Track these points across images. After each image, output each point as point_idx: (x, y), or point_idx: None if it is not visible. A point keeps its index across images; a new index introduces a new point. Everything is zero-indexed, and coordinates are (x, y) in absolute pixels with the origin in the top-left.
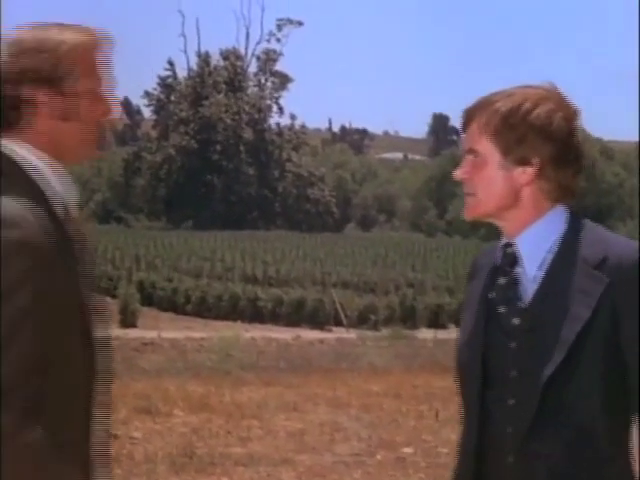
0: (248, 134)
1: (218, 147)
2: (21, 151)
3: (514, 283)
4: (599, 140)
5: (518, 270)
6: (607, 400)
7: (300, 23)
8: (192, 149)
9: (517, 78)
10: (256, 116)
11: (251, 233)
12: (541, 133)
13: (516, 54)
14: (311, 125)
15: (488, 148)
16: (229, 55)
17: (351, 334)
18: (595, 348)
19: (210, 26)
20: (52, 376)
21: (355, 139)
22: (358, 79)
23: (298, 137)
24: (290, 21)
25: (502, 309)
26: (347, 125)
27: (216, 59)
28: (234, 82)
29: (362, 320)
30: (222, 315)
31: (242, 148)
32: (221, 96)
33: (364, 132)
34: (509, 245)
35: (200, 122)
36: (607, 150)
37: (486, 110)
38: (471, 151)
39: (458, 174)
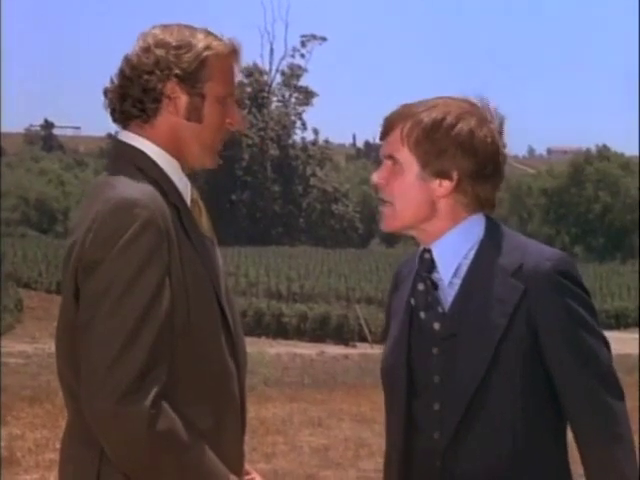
0: (273, 150)
1: (243, 163)
2: (142, 144)
3: (433, 289)
4: (622, 155)
5: (435, 276)
6: (528, 403)
7: (324, 39)
8: (217, 165)
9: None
10: (280, 132)
11: (275, 249)
12: (462, 148)
13: (534, 69)
14: (335, 140)
15: (408, 158)
16: (252, 72)
17: (375, 350)
18: (513, 354)
19: None
20: (195, 353)
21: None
22: (382, 94)
23: (322, 153)
24: (314, 37)
25: (423, 314)
26: (371, 140)
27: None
28: (258, 98)
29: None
30: (246, 331)
31: (267, 164)
32: (245, 112)
33: None
34: (426, 251)
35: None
36: (629, 165)
37: (409, 120)
38: (390, 158)
39: (375, 178)
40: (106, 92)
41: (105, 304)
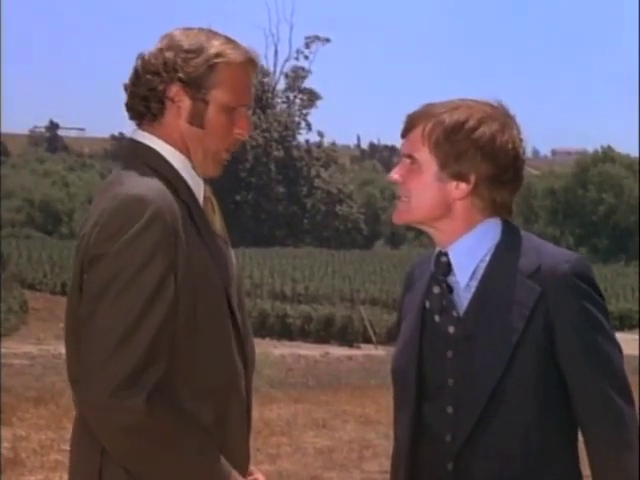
0: (277, 151)
1: (247, 164)
2: (154, 142)
3: (448, 292)
4: (627, 156)
5: (451, 279)
6: (542, 407)
7: (328, 40)
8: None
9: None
10: (284, 133)
11: (280, 250)
12: (482, 152)
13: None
14: (340, 142)
15: (426, 157)
16: (256, 73)
17: (380, 351)
18: (529, 357)
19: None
20: (201, 350)
21: (384, 156)
22: (386, 95)
23: (327, 154)
24: (318, 38)
25: (437, 318)
26: (376, 142)
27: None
28: (262, 99)
29: (391, 337)
30: None
31: (271, 165)
32: (249, 113)
33: (393, 149)
34: (442, 254)
35: None
36: (633, 165)
37: (431, 120)
38: (409, 157)
39: (392, 175)
40: (126, 87)
41: (106, 298)
